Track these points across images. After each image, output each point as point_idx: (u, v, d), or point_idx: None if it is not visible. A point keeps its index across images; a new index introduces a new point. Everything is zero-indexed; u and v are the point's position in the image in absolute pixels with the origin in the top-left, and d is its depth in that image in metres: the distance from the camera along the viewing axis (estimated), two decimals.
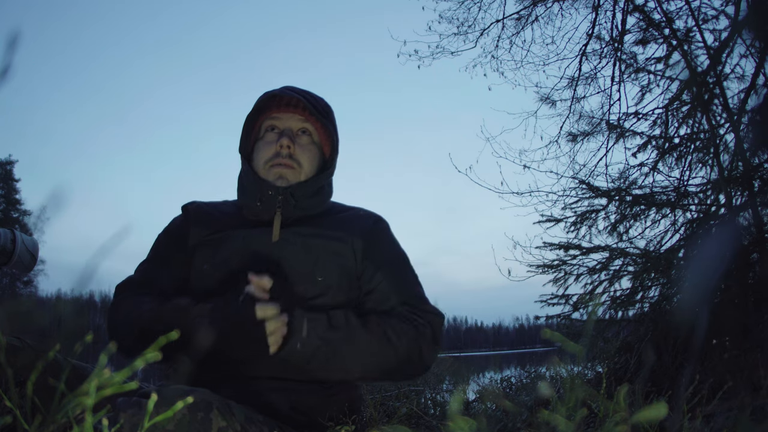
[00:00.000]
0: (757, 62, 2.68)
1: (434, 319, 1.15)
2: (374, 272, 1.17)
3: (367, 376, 1.11)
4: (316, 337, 1.02)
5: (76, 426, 0.46)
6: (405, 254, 1.27)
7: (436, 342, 1.14)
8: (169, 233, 1.26)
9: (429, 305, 1.18)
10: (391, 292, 1.16)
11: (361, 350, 1.05)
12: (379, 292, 1.16)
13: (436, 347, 1.14)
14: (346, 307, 1.12)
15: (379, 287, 1.16)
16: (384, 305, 1.15)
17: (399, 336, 1.08)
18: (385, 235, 1.26)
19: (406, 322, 1.11)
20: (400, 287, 1.17)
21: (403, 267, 1.24)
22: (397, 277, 1.19)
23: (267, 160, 1.20)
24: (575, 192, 3.04)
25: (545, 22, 4.13)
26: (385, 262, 1.19)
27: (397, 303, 1.15)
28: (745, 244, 2.36)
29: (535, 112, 4.14)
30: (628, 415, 0.54)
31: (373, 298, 1.16)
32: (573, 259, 2.79)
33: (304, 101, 1.19)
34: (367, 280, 1.17)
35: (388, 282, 1.16)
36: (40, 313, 0.70)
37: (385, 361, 1.07)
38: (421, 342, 1.10)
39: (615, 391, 0.57)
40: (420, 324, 1.12)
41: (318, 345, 1.02)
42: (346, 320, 1.06)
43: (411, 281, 1.21)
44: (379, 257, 1.19)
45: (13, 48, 0.42)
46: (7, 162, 27.40)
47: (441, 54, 4.37)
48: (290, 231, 1.16)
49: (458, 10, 4.24)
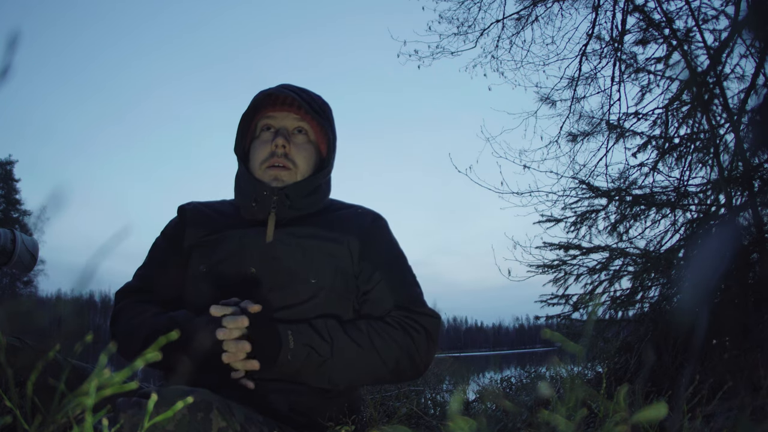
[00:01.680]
0: (757, 62, 2.68)
1: (429, 321, 1.15)
2: (372, 272, 1.16)
3: (358, 383, 1.13)
4: (302, 345, 1.03)
5: (76, 426, 0.46)
6: (403, 254, 1.27)
7: (432, 344, 1.14)
8: (165, 236, 1.26)
9: (425, 307, 1.17)
10: (387, 293, 1.15)
11: (347, 358, 1.05)
12: (376, 293, 1.16)
13: (431, 349, 1.14)
14: (339, 309, 1.12)
15: (377, 287, 1.16)
16: (379, 307, 1.15)
17: (387, 343, 1.08)
18: (383, 234, 1.26)
19: (399, 328, 1.11)
20: (397, 288, 1.17)
21: (401, 267, 1.23)
22: (395, 277, 1.19)
23: (263, 161, 1.20)
24: (575, 192, 3.04)
25: (545, 22, 4.13)
26: (382, 263, 1.19)
27: (393, 305, 1.15)
28: (745, 244, 2.36)
29: (535, 112, 4.15)
30: (628, 415, 0.54)
31: (370, 298, 1.16)
32: (573, 259, 2.79)
33: (300, 100, 1.18)
34: (364, 280, 1.16)
35: (385, 282, 1.16)
36: (40, 313, 0.70)
37: (373, 369, 1.08)
38: (412, 348, 1.11)
39: (615, 391, 0.57)
40: (413, 329, 1.12)
41: (307, 353, 1.03)
42: (327, 327, 1.06)
43: (408, 282, 1.21)
44: (377, 257, 1.19)
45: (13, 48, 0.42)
46: (7, 162, 27.46)
47: (441, 54, 4.37)
48: (285, 231, 1.16)
49: (458, 10, 4.24)
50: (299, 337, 1.03)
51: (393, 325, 1.11)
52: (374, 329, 1.09)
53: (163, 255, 1.23)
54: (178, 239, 1.21)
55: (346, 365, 1.05)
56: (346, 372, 1.06)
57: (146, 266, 1.25)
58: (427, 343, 1.13)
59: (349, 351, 1.05)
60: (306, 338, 1.03)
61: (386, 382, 1.16)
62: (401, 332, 1.11)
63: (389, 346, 1.08)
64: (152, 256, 1.25)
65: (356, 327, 1.09)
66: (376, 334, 1.09)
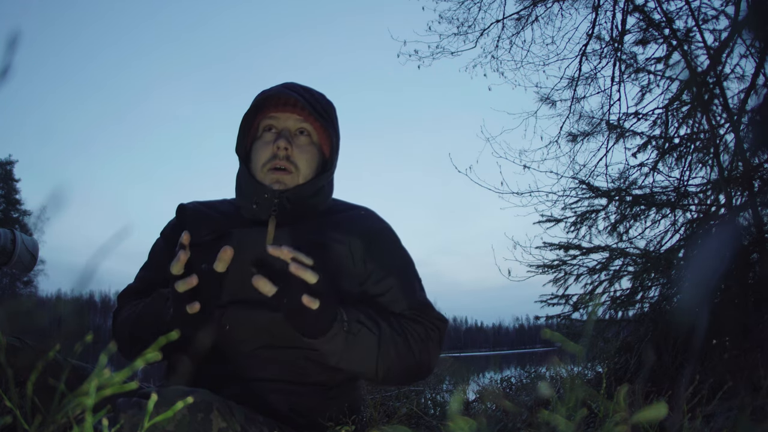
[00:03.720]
0: (757, 62, 2.68)
1: (441, 324, 1.16)
2: (383, 277, 1.16)
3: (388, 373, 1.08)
4: (355, 321, 1.01)
5: (76, 426, 0.46)
6: (412, 260, 1.27)
7: (440, 344, 1.16)
8: (165, 237, 1.26)
9: (436, 311, 1.19)
10: (401, 297, 1.16)
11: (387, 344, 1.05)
12: (389, 296, 1.16)
13: (439, 350, 1.16)
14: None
15: (390, 292, 1.16)
16: (394, 309, 1.15)
17: (413, 335, 1.09)
18: (392, 239, 1.26)
19: (418, 323, 1.12)
20: (410, 294, 1.17)
21: (413, 274, 1.24)
22: (407, 284, 1.19)
23: (264, 163, 1.18)
24: (575, 192, 3.05)
25: (545, 22, 4.14)
26: (395, 268, 1.19)
27: (407, 307, 1.15)
28: (745, 244, 2.36)
29: (535, 112, 4.15)
30: (628, 415, 0.54)
31: (381, 301, 1.15)
32: (573, 259, 2.79)
33: (303, 101, 1.16)
34: (373, 283, 1.16)
35: (398, 288, 1.16)
36: (40, 313, 0.70)
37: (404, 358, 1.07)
38: (431, 344, 1.12)
39: (615, 391, 0.57)
40: (430, 328, 1.13)
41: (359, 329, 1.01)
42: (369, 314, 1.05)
43: (419, 288, 1.22)
44: (389, 262, 1.19)
45: (13, 48, 0.42)
46: (7, 162, 27.49)
47: (441, 54, 4.38)
48: (286, 231, 1.15)
49: (458, 10, 4.25)
50: (350, 312, 1.02)
51: (413, 320, 1.13)
52: (398, 321, 1.10)
53: (162, 256, 1.23)
54: (177, 239, 1.21)
55: (385, 349, 1.04)
56: (384, 357, 1.04)
57: (146, 268, 1.25)
58: (439, 342, 1.15)
59: (388, 336, 1.05)
60: (355, 315, 1.02)
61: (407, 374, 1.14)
62: (421, 327, 1.12)
63: (414, 338, 1.09)
64: (152, 257, 1.25)
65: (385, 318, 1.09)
66: (401, 325, 1.10)
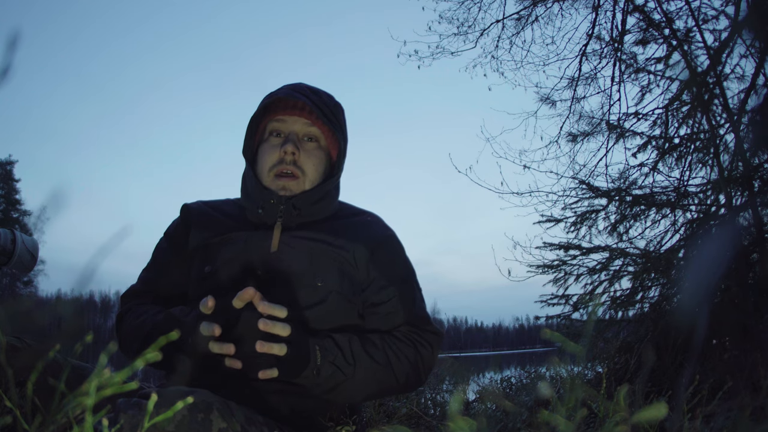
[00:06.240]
0: (757, 62, 2.68)
1: (435, 338, 1.16)
2: (385, 286, 1.16)
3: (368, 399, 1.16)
4: (329, 363, 1.01)
5: (76, 426, 0.46)
6: (414, 271, 1.27)
7: (435, 359, 1.17)
8: (168, 237, 1.25)
9: (432, 325, 1.19)
10: (400, 310, 1.16)
11: (365, 377, 1.05)
12: (389, 307, 1.16)
13: (434, 363, 1.17)
14: (345, 313, 1.12)
15: (390, 303, 1.16)
16: (390, 322, 1.15)
17: (399, 359, 1.10)
18: (396, 249, 1.25)
19: (410, 345, 1.12)
20: (409, 306, 1.17)
21: (414, 285, 1.23)
22: (407, 296, 1.19)
23: (271, 168, 1.17)
24: (575, 192, 3.05)
25: (545, 22, 4.14)
26: (397, 279, 1.19)
27: (403, 321, 1.15)
28: (745, 244, 2.36)
29: (535, 113, 4.15)
30: (628, 415, 0.54)
31: (380, 311, 1.15)
32: (573, 260, 2.79)
33: (311, 104, 1.15)
34: (374, 291, 1.16)
35: (398, 299, 1.16)
36: (40, 313, 0.70)
37: (387, 386, 1.09)
38: (420, 363, 1.13)
39: (615, 391, 0.57)
40: (421, 345, 1.14)
41: (332, 371, 1.01)
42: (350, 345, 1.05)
43: (419, 299, 1.22)
44: (392, 272, 1.18)
45: (13, 48, 0.42)
46: (7, 162, 27.53)
47: (441, 54, 4.38)
48: (292, 235, 1.14)
49: (458, 10, 4.25)
50: (326, 353, 1.01)
51: (404, 341, 1.13)
52: (388, 345, 1.10)
53: (166, 257, 1.23)
54: (182, 240, 1.20)
55: (362, 383, 1.05)
56: (361, 389, 1.06)
57: (150, 268, 1.24)
58: (431, 358, 1.16)
59: (368, 370, 1.05)
60: (332, 356, 1.02)
61: (392, 394, 1.18)
62: (412, 349, 1.12)
63: (401, 363, 1.10)
64: (156, 258, 1.25)
65: (373, 343, 1.09)
66: (390, 350, 1.10)
